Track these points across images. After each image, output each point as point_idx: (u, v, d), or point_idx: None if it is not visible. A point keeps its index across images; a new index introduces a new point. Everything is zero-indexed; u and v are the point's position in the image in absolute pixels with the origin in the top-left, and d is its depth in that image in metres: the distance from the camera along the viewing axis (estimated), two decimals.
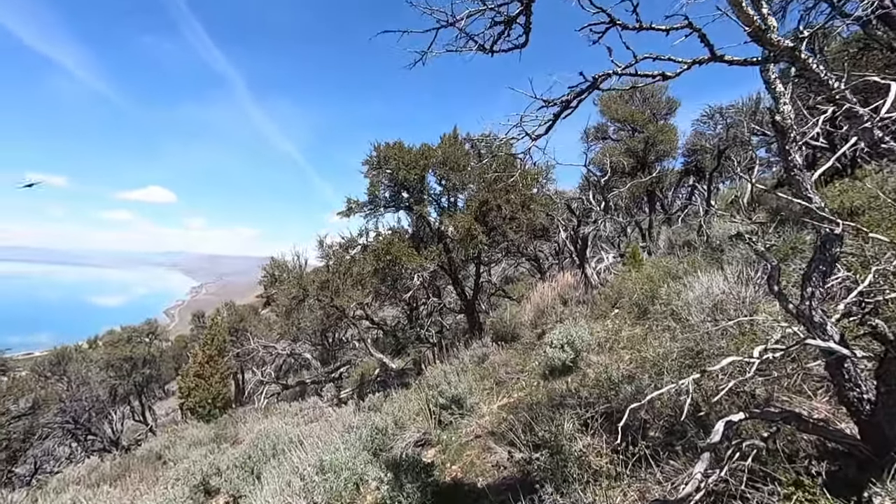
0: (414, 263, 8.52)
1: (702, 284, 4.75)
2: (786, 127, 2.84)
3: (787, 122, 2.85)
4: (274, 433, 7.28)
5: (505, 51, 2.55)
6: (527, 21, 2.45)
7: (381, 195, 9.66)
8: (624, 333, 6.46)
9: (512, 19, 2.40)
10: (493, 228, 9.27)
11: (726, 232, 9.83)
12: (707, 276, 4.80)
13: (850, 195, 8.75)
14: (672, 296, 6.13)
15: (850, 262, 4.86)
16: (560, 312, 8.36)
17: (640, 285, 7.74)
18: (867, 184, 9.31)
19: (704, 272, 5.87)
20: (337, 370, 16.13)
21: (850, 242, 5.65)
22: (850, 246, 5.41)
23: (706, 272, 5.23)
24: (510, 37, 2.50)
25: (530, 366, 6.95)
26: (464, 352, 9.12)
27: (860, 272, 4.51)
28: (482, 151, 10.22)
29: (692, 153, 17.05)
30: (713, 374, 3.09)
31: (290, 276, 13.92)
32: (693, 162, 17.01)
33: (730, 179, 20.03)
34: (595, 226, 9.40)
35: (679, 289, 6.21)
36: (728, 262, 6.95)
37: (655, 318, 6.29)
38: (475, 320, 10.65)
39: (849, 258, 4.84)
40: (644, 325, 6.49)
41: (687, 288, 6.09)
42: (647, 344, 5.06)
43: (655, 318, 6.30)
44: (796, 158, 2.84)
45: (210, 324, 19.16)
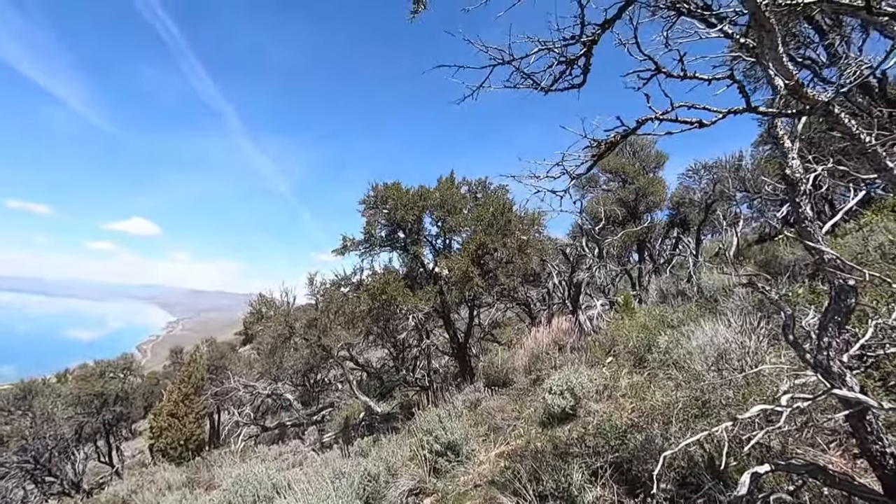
0: (409, 304, 8.43)
1: (705, 333, 4.76)
2: (795, 180, 2.94)
3: (796, 175, 2.96)
4: (255, 478, 6.91)
5: (561, 90, 2.64)
6: (586, 62, 2.56)
7: (377, 234, 9.66)
8: (622, 381, 6.40)
9: (573, 61, 2.51)
10: (489, 271, 9.29)
11: (717, 283, 9.98)
12: (710, 325, 4.81)
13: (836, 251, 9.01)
14: (671, 345, 6.13)
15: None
16: (555, 358, 8.27)
17: (636, 333, 7.74)
18: (849, 241, 9.62)
19: (703, 321, 5.91)
20: (319, 412, 15.59)
21: None
22: None
23: (706, 321, 5.24)
24: (570, 76, 2.59)
25: (527, 412, 6.80)
26: (456, 396, 8.91)
27: (859, 326, 4.59)
28: (478, 195, 10.37)
29: (677, 206, 17.56)
30: (728, 423, 3.04)
31: (276, 313, 13.65)
32: (678, 215, 17.50)
33: (714, 233, 20.57)
34: (590, 272, 9.48)
35: (678, 337, 6.22)
36: (722, 313, 7.03)
37: (654, 367, 6.25)
38: (466, 364, 10.47)
39: None
40: (642, 374, 6.44)
41: (686, 337, 6.10)
42: (650, 393, 4.99)
43: (654, 366, 6.27)
44: (807, 210, 2.93)
45: (189, 360, 18.52)
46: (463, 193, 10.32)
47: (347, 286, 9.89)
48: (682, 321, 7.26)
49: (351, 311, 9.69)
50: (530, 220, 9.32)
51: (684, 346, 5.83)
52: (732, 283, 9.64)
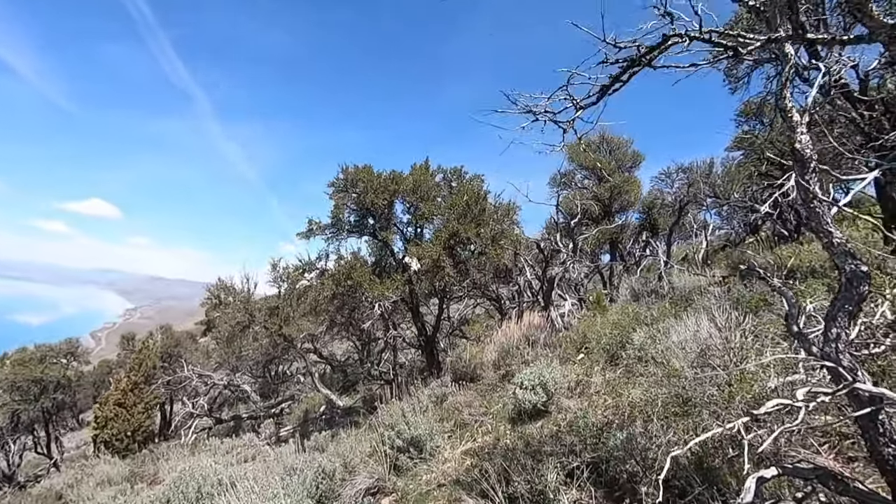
0: (376, 292, 7.99)
1: (687, 328, 4.52)
2: (805, 156, 2.67)
3: (805, 151, 2.69)
4: (200, 473, 6.36)
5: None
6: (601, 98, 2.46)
7: (345, 219, 9.18)
8: (596, 378, 6.16)
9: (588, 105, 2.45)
10: (462, 262, 8.94)
11: (689, 283, 9.92)
12: (693, 320, 4.58)
13: (802, 257, 9.07)
14: (647, 341, 5.91)
15: None
16: (526, 353, 8.00)
17: (609, 331, 7.54)
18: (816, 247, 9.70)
19: (686, 316, 5.71)
20: (278, 405, 14.96)
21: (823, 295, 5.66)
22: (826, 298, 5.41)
23: (688, 316, 5.02)
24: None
25: (495, 408, 6.48)
26: (422, 390, 8.53)
27: None
28: (453, 184, 10.01)
29: (648, 210, 17.62)
30: (743, 419, 2.75)
31: (236, 300, 12.95)
32: (648, 218, 17.57)
33: (681, 239, 20.81)
34: (564, 267, 9.25)
35: (654, 334, 6.01)
36: (701, 310, 6.89)
37: (629, 364, 6.03)
38: (434, 358, 10.11)
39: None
40: (616, 371, 6.22)
41: (663, 333, 5.90)
42: (627, 390, 4.73)
43: (629, 363, 6.05)
44: (816, 190, 2.66)
45: (140, 347, 17.51)
46: (437, 181, 9.93)
47: (312, 272, 9.36)
48: (656, 318, 7.09)
49: (314, 299, 9.19)
50: (505, 211, 9.01)
51: (662, 342, 5.62)
52: (704, 283, 9.60)
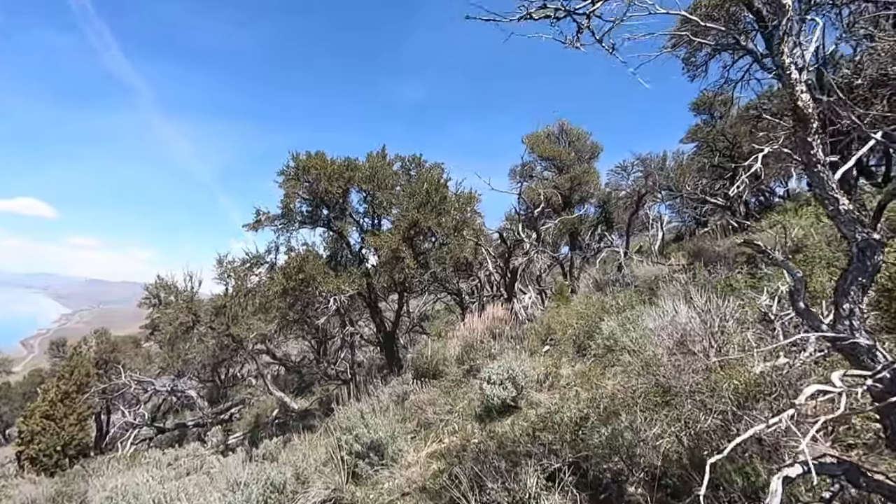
0: (331, 286, 7.44)
1: (664, 314, 4.28)
2: (807, 115, 2.42)
3: (807, 109, 2.44)
4: (133, 491, 5.66)
5: None
6: None
7: (296, 209, 8.55)
8: (564, 370, 5.90)
9: None
10: (422, 253, 8.52)
11: (650, 272, 9.92)
12: (671, 304, 4.35)
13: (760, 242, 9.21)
14: (616, 330, 5.70)
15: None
16: (491, 347, 7.68)
17: (575, 321, 7.33)
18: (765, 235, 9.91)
19: (654, 304, 5.53)
20: (227, 411, 14.05)
21: None
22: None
23: (660, 303, 4.81)
24: None
25: (461, 405, 6.11)
26: (382, 389, 8.06)
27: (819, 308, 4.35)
28: (412, 172, 9.56)
29: (603, 204, 17.77)
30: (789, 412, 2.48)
31: (178, 299, 12.00)
32: (604, 212, 17.72)
33: (633, 233, 21.16)
34: (528, 257, 8.99)
35: (623, 322, 5.81)
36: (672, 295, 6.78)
37: (599, 354, 5.81)
38: (394, 355, 9.64)
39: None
40: (585, 362, 5.98)
41: (632, 322, 5.70)
42: (603, 381, 4.46)
43: (599, 353, 5.83)
44: (819, 153, 2.41)
45: (71, 353, 16.05)
46: (395, 170, 9.45)
47: (261, 267, 8.68)
48: (623, 307, 6.93)
49: (263, 295, 8.52)
50: (466, 199, 8.65)
51: (634, 330, 5.41)
52: (665, 271, 9.61)
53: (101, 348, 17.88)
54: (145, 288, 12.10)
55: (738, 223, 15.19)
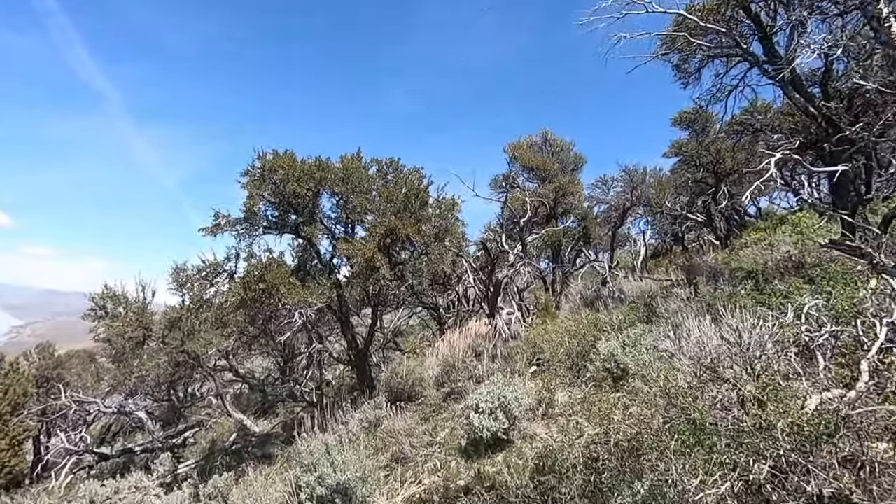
0: (296, 297, 6.62)
1: (689, 333, 3.65)
2: None
3: None
4: None
5: None
6: None
7: (261, 212, 7.73)
8: (560, 396, 5.23)
9: None
10: (399, 263, 7.79)
11: (638, 288, 9.42)
12: (694, 323, 3.73)
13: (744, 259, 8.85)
14: (617, 351, 5.07)
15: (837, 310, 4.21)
16: (474, 368, 6.96)
17: (567, 339, 6.69)
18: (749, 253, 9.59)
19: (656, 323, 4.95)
20: (180, 434, 12.84)
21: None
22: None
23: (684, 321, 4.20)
24: None
25: (442, 435, 5.37)
26: (351, 414, 7.24)
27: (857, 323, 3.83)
28: (389, 176, 8.86)
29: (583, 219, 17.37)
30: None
31: (128, 311, 10.90)
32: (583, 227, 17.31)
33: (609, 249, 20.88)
34: (514, 269, 8.36)
35: (624, 343, 5.19)
36: (663, 316, 6.22)
37: (598, 378, 5.16)
38: (366, 375, 8.82)
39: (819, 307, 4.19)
40: (582, 386, 5.33)
41: (634, 342, 5.09)
42: (611, 411, 3.80)
43: (597, 377, 5.19)
44: None
45: (7, 371, 14.54)
46: (371, 174, 8.73)
47: (218, 276, 7.77)
48: (619, 325, 6.34)
49: (219, 307, 7.62)
50: (449, 206, 7.99)
51: (638, 350, 4.80)
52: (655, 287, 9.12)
53: (42, 364, 16.35)
54: (90, 298, 10.95)
55: (719, 240, 15.03)
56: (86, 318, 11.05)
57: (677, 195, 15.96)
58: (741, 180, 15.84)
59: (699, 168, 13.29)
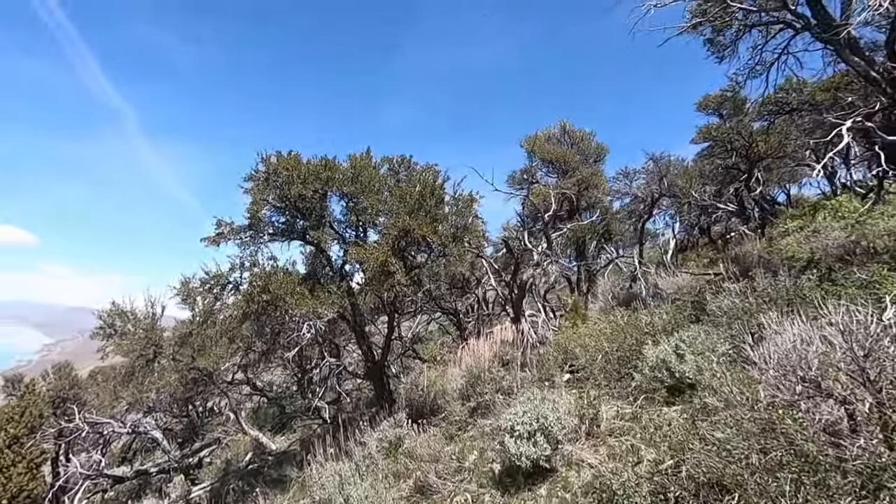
0: (304, 308, 6.06)
1: (782, 339, 2.94)
2: None
3: None
4: None
5: None
6: None
7: (265, 218, 7.21)
8: (605, 410, 4.55)
9: None
10: (415, 267, 7.19)
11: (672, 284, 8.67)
12: (790, 325, 3.01)
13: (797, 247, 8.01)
14: (671, 358, 4.38)
15: None
16: (501, 378, 6.31)
17: (604, 343, 6.00)
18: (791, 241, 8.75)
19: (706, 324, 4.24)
20: (196, 453, 12.42)
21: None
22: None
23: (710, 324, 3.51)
24: None
25: (471, 459, 4.73)
26: (369, 433, 6.64)
27: None
28: (401, 175, 8.28)
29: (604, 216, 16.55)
30: None
31: (137, 328, 10.51)
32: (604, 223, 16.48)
33: (632, 245, 19.95)
34: (540, 269, 7.70)
35: (677, 347, 4.49)
36: (715, 315, 5.50)
37: (648, 389, 4.48)
38: (384, 388, 8.23)
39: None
40: (631, 399, 4.64)
41: (690, 347, 4.39)
42: (683, 435, 3.12)
43: (648, 387, 4.50)
44: None
45: (23, 392, 14.32)
46: (382, 174, 8.17)
47: (223, 288, 7.26)
48: (666, 327, 5.63)
49: (224, 321, 7.11)
50: (466, 203, 7.37)
51: (696, 357, 4.10)
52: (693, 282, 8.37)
53: (59, 385, 16.14)
54: (98, 316, 10.58)
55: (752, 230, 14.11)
56: (94, 337, 10.70)
57: (703, 184, 15.13)
58: (774, 165, 14.95)
59: (731, 153, 12.46)
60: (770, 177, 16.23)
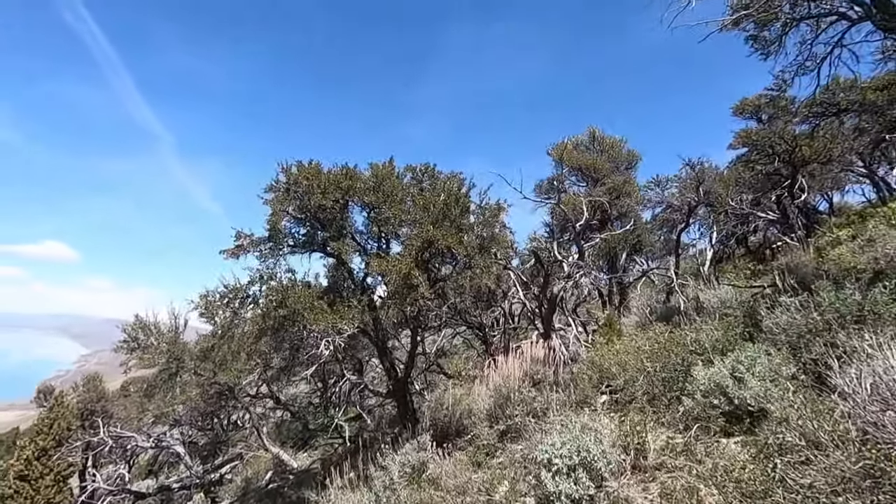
0: (323, 323, 5.76)
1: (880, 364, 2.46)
2: None
3: None
4: None
5: None
6: None
7: (285, 229, 6.99)
8: (652, 440, 4.05)
9: None
10: (440, 280, 6.83)
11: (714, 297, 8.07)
12: (888, 347, 2.53)
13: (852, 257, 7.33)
14: (727, 381, 3.88)
15: None
16: (532, 399, 5.86)
17: (647, 363, 5.49)
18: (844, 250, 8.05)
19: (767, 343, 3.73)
20: (218, 468, 12.22)
21: None
22: None
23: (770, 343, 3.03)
24: None
25: (501, 492, 4.29)
26: (391, 456, 6.25)
27: None
28: (424, 184, 7.98)
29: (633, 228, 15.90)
30: None
31: (160, 342, 10.42)
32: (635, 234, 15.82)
33: (661, 256, 19.15)
34: (573, 280, 7.24)
35: (734, 369, 3.99)
36: (772, 332, 4.95)
37: (700, 417, 3.97)
38: (408, 406, 7.84)
39: None
40: (678, 426, 4.14)
41: (749, 370, 3.88)
42: (768, 485, 2.64)
43: (699, 415, 3.99)
44: None
45: (52, 404, 14.46)
46: (405, 183, 7.88)
47: (242, 302, 7.04)
48: (717, 345, 5.09)
49: (241, 337, 6.87)
50: (493, 212, 7.00)
51: (756, 380, 3.60)
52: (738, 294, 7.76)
53: (86, 397, 16.31)
54: (122, 329, 10.55)
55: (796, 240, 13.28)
56: (118, 351, 10.67)
57: (740, 192, 14.41)
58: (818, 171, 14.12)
59: (773, 158, 11.76)
60: (812, 183, 15.39)
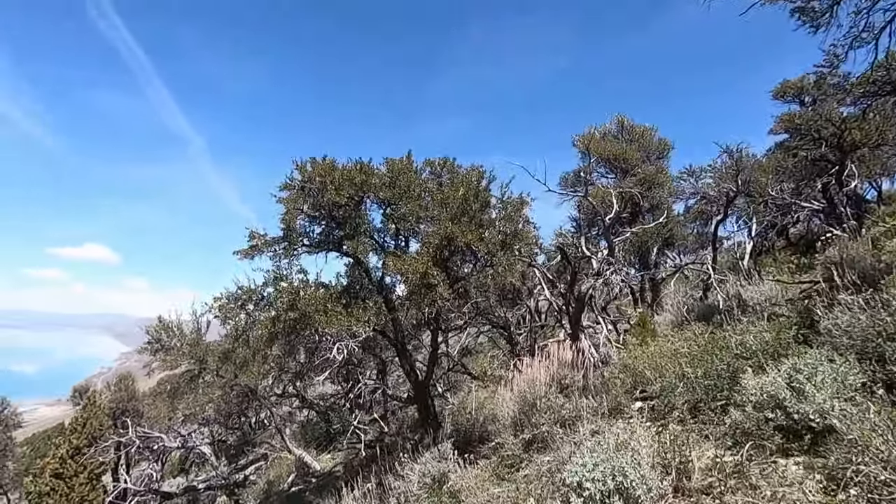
0: (336, 326, 5.48)
1: None
2: None
3: None
4: None
5: None
6: None
7: (299, 228, 6.74)
8: (697, 457, 3.60)
9: None
10: (460, 279, 6.48)
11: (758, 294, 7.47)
12: None
13: None
14: (783, 392, 3.40)
15: None
16: (560, 406, 5.45)
17: (688, 367, 5.00)
18: None
19: None
20: (242, 469, 12.19)
21: None
22: None
23: None
24: None
25: None
26: (411, 465, 5.96)
27: None
28: (443, 179, 7.61)
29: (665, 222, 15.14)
30: None
31: (183, 343, 10.40)
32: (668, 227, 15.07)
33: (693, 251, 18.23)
34: (602, 278, 6.77)
35: (791, 377, 3.50)
36: (833, 335, 4.41)
37: (753, 433, 3.50)
38: (429, 411, 7.53)
39: None
40: (725, 440, 3.68)
41: (809, 378, 3.39)
42: None
43: (751, 430, 3.52)
44: None
45: (85, 403, 14.79)
46: (423, 178, 7.54)
47: (256, 304, 6.84)
48: (768, 349, 4.57)
49: (254, 340, 6.68)
50: (516, 206, 6.60)
51: (816, 388, 3.12)
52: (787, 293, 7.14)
53: (118, 397, 16.63)
54: (146, 331, 10.59)
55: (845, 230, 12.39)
56: (142, 352, 10.73)
57: (779, 181, 13.54)
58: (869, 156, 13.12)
59: (819, 143, 10.93)
60: (860, 170, 14.36)
